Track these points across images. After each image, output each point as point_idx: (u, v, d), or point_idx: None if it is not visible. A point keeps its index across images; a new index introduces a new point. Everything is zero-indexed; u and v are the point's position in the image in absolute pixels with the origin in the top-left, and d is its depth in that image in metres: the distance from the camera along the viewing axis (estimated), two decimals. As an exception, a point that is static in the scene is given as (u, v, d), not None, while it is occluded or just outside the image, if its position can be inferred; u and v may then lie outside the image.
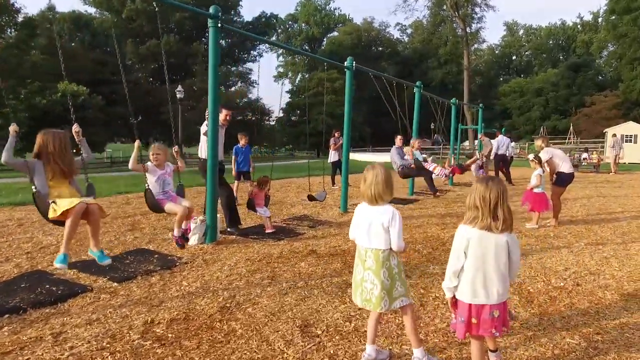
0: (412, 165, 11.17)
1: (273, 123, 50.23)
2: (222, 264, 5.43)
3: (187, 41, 54.31)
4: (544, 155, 8.19)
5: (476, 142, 15.12)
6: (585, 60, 63.68)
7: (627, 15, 44.80)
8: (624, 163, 28.09)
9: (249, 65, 68.57)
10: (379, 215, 3.02)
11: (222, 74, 51.50)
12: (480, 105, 17.79)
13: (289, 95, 67.06)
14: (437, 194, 12.20)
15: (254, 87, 72.47)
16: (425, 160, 11.47)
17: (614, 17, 48.17)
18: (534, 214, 7.98)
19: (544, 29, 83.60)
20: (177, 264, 5.40)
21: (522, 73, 79.81)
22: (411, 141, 11.41)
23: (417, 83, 12.42)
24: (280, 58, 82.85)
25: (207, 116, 6.41)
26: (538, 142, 8.45)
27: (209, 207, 6.39)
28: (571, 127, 41.14)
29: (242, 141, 10.39)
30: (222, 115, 7.04)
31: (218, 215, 6.71)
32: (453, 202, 11.30)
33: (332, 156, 14.55)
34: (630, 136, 30.45)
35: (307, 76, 61.00)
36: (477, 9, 59.19)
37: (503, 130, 29.17)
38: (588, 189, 14.40)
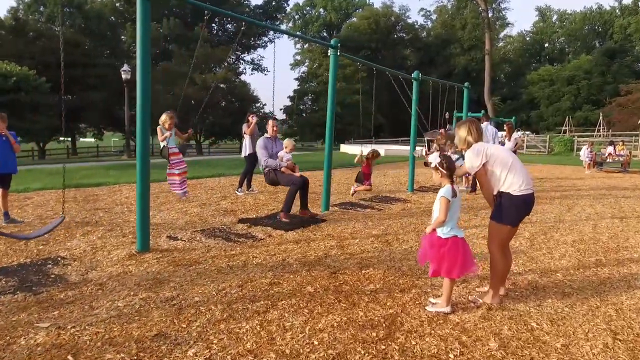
0: (283, 168, 7.10)
1: (268, 112, 46.24)
2: None
3: (188, 26, 50.86)
4: (471, 158, 3.92)
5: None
6: (622, 45, 57.67)
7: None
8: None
9: (259, 51, 65.38)
10: None
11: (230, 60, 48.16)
12: (466, 84, 13.34)
13: (297, 83, 63.42)
14: (284, 218, 7.30)
15: (265, 74, 69.13)
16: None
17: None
18: (445, 283, 3.72)
19: (579, 14, 77.27)
20: None
21: (554, 61, 73.70)
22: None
23: (333, 42, 8.16)
24: (297, 46, 78.80)
25: None
26: (462, 132, 4.09)
27: None
28: (601, 118, 35.82)
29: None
30: None
31: None
32: (381, 221, 7.07)
33: (248, 147, 10.40)
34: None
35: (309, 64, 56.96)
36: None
37: (514, 120, 24.58)
38: (602, 202, 9.90)
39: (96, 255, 5.25)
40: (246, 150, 10.42)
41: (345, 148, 37.06)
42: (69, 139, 42.21)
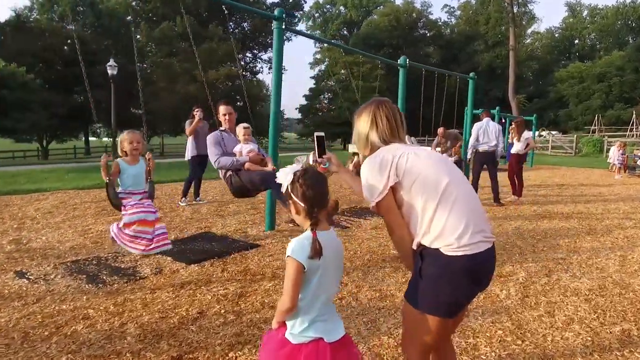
0: (247, 164, 5.25)
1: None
2: None
3: (203, 24, 49.66)
4: (368, 175, 2.00)
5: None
6: (658, 40, 54.54)
7: None
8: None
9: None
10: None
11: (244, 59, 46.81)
12: (472, 74, 11.35)
13: (314, 82, 61.67)
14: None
15: (282, 73, 67.55)
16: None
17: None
18: None
19: (611, 9, 74.05)
20: None
21: (584, 58, 70.47)
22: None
23: (277, 12, 6.33)
24: (317, 44, 77.32)
25: None
26: (360, 124, 2.11)
27: None
28: (634, 117, 33.14)
29: None
30: None
31: None
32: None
33: (190, 148, 8.56)
34: None
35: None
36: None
37: (534, 118, 22.33)
38: (635, 219, 7.77)
39: None
40: (188, 152, 8.58)
41: (353, 148, 35.09)
42: (83, 137, 41.26)
